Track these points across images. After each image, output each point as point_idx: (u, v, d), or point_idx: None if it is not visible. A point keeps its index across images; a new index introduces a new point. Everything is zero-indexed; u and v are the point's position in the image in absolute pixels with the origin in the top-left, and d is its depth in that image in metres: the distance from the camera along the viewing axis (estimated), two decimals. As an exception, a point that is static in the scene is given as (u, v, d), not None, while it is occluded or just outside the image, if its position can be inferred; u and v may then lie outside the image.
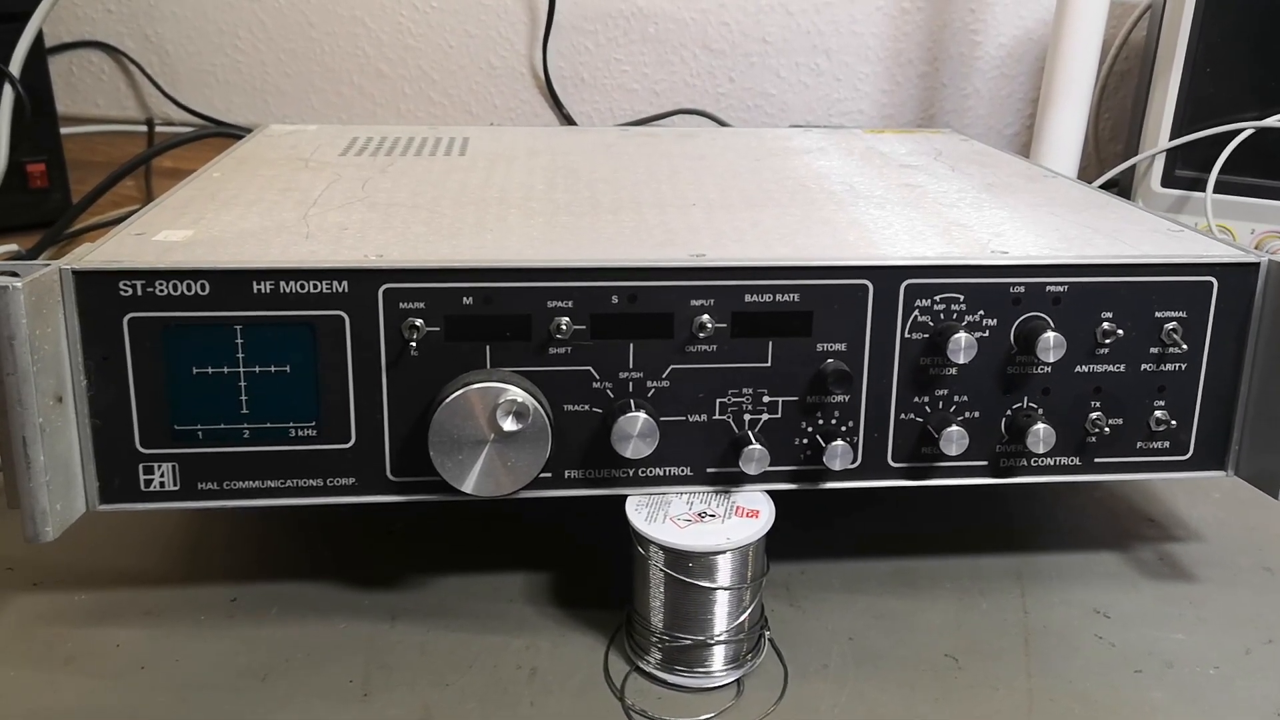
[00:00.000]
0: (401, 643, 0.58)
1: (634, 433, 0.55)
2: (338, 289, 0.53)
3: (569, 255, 0.56)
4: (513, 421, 0.53)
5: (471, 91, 1.69)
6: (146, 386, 0.53)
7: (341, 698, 0.54)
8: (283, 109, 1.75)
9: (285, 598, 0.62)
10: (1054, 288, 0.57)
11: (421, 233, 0.59)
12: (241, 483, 0.56)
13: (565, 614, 0.61)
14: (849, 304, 0.56)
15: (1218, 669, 0.58)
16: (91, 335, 0.52)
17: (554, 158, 0.82)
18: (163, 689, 0.55)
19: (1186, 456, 0.61)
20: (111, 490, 0.55)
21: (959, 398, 0.58)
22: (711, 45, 1.59)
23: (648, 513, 0.56)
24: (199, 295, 0.53)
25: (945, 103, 1.54)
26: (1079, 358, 0.58)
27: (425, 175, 0.75)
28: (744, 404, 0.57)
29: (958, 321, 0.57)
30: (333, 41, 1.70)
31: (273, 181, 0.71)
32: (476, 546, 0.67)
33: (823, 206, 0.68)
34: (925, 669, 0.57)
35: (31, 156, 1.24)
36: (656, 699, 0.55)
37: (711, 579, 0.54)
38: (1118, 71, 1.43)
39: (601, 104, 1.66)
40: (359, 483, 0.56)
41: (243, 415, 0.54)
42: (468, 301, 0.54)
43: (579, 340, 0.55)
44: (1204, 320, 0.59)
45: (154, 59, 1.76)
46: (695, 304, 0.55)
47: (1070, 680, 0.56)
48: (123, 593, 0.62)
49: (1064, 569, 0.66)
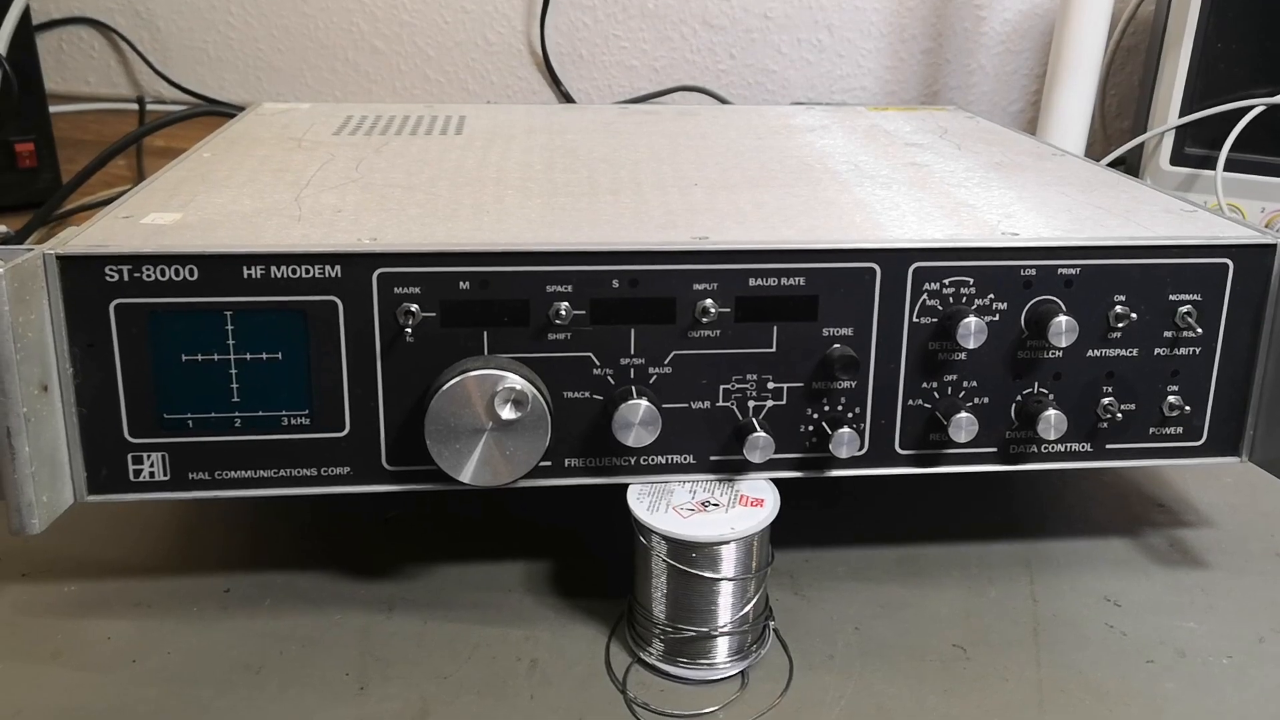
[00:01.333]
0: (398, 634, 0.57)
1: (636, 420, 0.54)
2: (330, 274, 0.52)
3: (568, 238, 0.55)
4: (511, 409, 0.52)
5: (468, 68, 1.67)
6: (134, 374, 0.52)
7: (337, 691, 0.53)
8: (276, 86, 1.74)
9: (279, 588, 0.61)
10: (1065, 270, 0.56)
11: (417, 215, 0.58)
12: (233, 473, 0.54)
13: (565, 604, 0.60)
14: (856, 288, 0.55)
15: (1230, 658, 0.57)
16: (77, 322, 0.51)
17: (552, 137, 0.81)
18: (154, 682, 0.54)
19: (1200, 442, 0.59)
20: (100, 481, 0.53)
21: (968, 383, 0.57)
22: (712, 21, 1.57)
23: (650, 502, 0.55)
24: (187, 280, 0.51)
25: (949, 79, 1.53)
26: (1091, 342, 0.57)
27: (421, 155, 0.73)
28: (748, 390, 0.56)
29: (967, 305, 0.56)
30: (326, 17, 1.68)
31: (265, 162, 0.70)
32: (474, 535, 0.66)
33: (827, 187, 0.67)
34: (933, 659, 0.56)
35: (20, 136, 1.22)
36: (659, 691, 0.54)
37: (715, 570, 0.53)
38: (1125, 47, 1.41)
39: (600, 81, 1.64)
40: (354, 472, 0.55)
41: (234, 404, 0.53)
42: (464, 286, 0.53)
43: (579, 325, 0.54)
44: (1219, 303, 0.57)
45: (145, 35, 1.74)
46: (698, 288, 0.54)
47: (1081, 671, 0.55)
48: (113, 583, 0.61)
49: (1073, 556, 0.65)
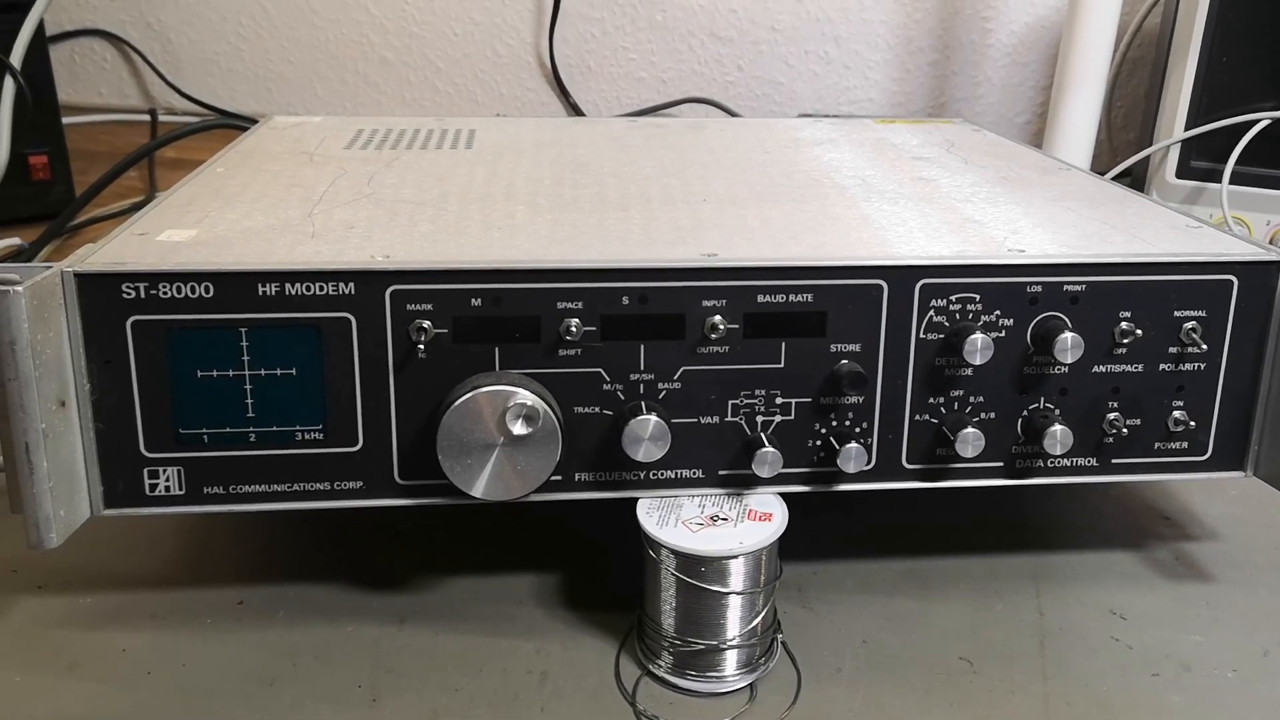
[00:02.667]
0: (410, 646, 0.58)
1: (645, 435, 0.54)
2: (344, 291, 0.52)
3: (578, 255, 0.55)
4: (522, 425, 0.53)
5: (477, 80, 1.68)
6: (150, 390, 0.53)
7: (349, 703, 0.54)
8: (286, 97, 1.75)
9: (292, 600, 0.61)
10: (1071, 287, 0.56)
11: (428, 231, 0.59)
12: (248, 486, 0.55)
13: (576, 617, 0.60)
14: (863, 304, 0.55)
15: (1235, 671, 0.57)
16: (94, 339, 0.52)
17: (561, 150, 0.81)
18: (168, 694, 0.54)
19: (1205, 457, 0.60)
20: (116, 495, 0.54)
21: (975, 398, 0.57)
22: (719, 33, 1.58)
23: (659, 516, 0.56)
24: (203, 298, 0.52)
25: (956, 91, 1.53)
26: (1097, 358, 0.58)
27: (431, 169, 0.74)
28: (756, 405, 0.57)
29: (974, 322, 0.56)
30: (336, 29, 1.69)
31: (277, 177, 0.71)
32: (486, 547, 0.66)
33: (834, 202, 0.67)
34: (940, 672, 0.57)
35: (33, 148, 1.23)
36: (668, 704, 0.54)
37: (724, 583, 0.54)
38: (1131, 59, 1.41)
39: (608, 92, 1.65)
40: (366, 486, 0.56)
41: (249, 419, 0.54)
42: (476, 303, 0.53)
43: (589, 342, 0.55)
44: (1224, 319, 0.58)
45: (156, 47, 1.75)
46: (707, 304, 0.55)
47: (1087, 684, 0.56)
48: (128, 596, 0.61)
49: (1079, 569, 0.65)
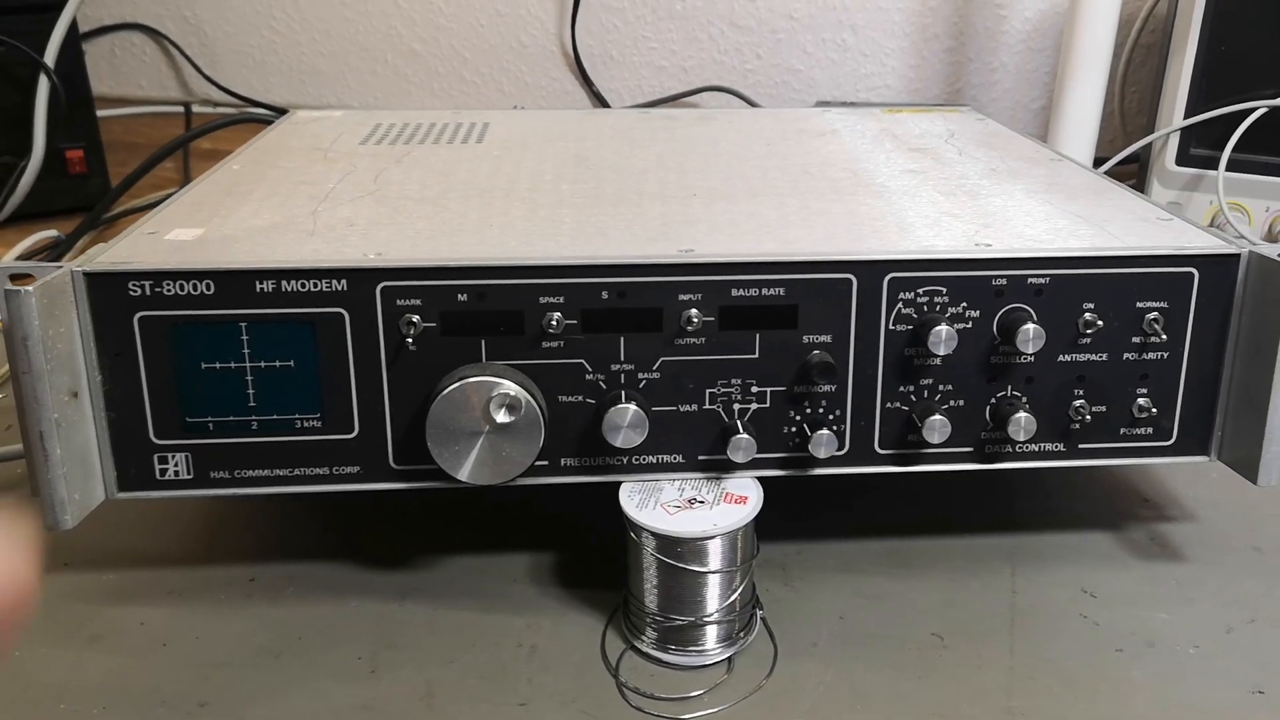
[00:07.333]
0: (410, 621, 0.61)
1: (624, 423, 0.57)
2: (337, 287, 0.56)
3: (561, 251, 0.58)
4: (505, 414, 0.56)
5: (503, 70, 1.71)
6: (158, 381, 0.56)
7: (351, 675, 0.57)
8: (319, 89, 1.78)
9: (301, 577, 0.64)
10: (1035, 280, 0.58)
11: (424, 228, 0.62)
12: (252, 471, 0.58)
13: (567, 595, 0.63)
14: (833, 297, 0.58)
15: (1198, 648, 0.59)
16: (104, 334, 0.55)
17: (568, 144, 0.84)
18: (183, 665, 0.57)
19: (1170, 442, 0.62)
20: (129, 479, 0.58)
21: (943, 387, 0.60)
22: (739, 22, 1.60)
23: (640, 499, 0.58)
24: (205, 295, 0.55)
25: (971, 77, 1.54)
26: (1061, 347, 0.59)
27: (438, 165, 0.76)
28: (733, 394, 0.59)
29: (940, 314, 0.58)
30: (366, 22, 1.73)
31: (289, 174, 0.74)
32: (486, 529, 0.69)
33: (822, 196, 0.69)
34: (911, 648, 0.59)
35: (70, 143, 1.27)
36: (650, 676, 0.57)
37: (702, 563, 0.56)
38: (1143, 45, 1.42)
39: (630, 81, 1.67)
40: (363, 471, 0.59)
41: (251, 408, 0.57)
42: (462, 298, 0.56)
43: (571, 334, 0.57)
44: (1185, 310, 0.59)
45: (193, 41, 1.79)
46: (683, 298, 0.57)
47: (1051, 659, 0.58)
48: (147, 573, 0.65)
49: (1056, 549, 0.67)
